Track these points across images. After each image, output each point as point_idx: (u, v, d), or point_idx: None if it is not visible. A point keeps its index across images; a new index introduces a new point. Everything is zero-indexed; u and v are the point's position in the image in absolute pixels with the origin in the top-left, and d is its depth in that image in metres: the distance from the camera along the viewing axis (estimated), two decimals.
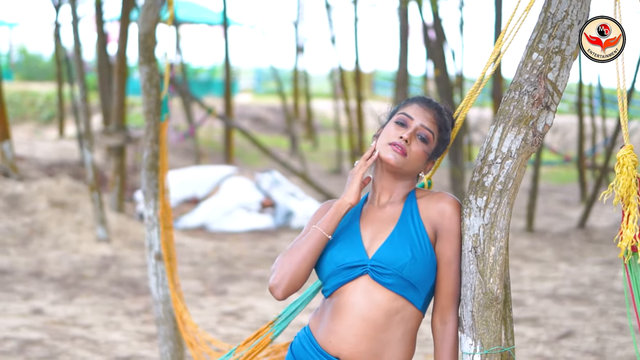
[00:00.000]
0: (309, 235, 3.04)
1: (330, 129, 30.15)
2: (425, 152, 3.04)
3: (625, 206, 2.69)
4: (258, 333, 3.56)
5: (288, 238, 12.52)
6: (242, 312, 8.46)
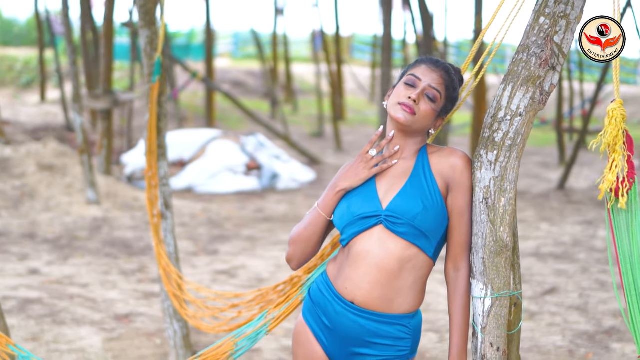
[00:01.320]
0: (312, 216, 3.31)
1: (310, 93, 30.25)
2: (434, 110, 3.22)
3: (610, 154, 2.89)
4: (289, 296, 3.74)
5: (274, 200, 12.70)
6: (235, 271, 8.65)
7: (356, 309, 3.15)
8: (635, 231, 2.84)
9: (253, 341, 3.84)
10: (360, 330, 3.15)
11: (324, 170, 15.51)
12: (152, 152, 5.85)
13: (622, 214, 2.86)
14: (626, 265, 2.85)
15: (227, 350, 3.85)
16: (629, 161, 2.86)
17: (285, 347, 6.49)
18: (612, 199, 2.88)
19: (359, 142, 20.27)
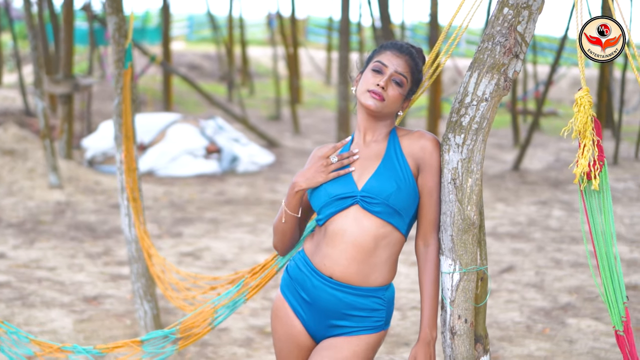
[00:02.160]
0: (280, 213, 3.49)
1: (266, 76, 30.34)
2: (401, 95, 3.39)
3: (581, 139, 3.07)
4: (265, 265, 3.92)
5: (235, 182, 12.83)
6: (199, 253, 8.79)
7: (334, 283, 3.32)
8: (607, 210, 3.03)
9: (232, 309, 4.01)
10: (338, 303, 3.32)
11: (283, 153, 15.66)
12: (129, 137, 5.98)
13: (594, 195, 3.05)
14: (599, 243, 3.03)
15: (207, 317, 4.02)
16: (598, 145, 3.04)
17: (252, 326, 6.66)
18: (584, 182, 3.07)
19: (316, 125, 20.43)
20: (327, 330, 3.39)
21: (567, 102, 27.30)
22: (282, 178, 13.32)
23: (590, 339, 6.66)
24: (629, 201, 12.64)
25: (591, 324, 7.01)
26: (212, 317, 4.10)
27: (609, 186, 3.03)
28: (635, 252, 9.62)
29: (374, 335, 3.35)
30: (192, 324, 4.17)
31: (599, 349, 6.43)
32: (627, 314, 2.98)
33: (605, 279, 3.02)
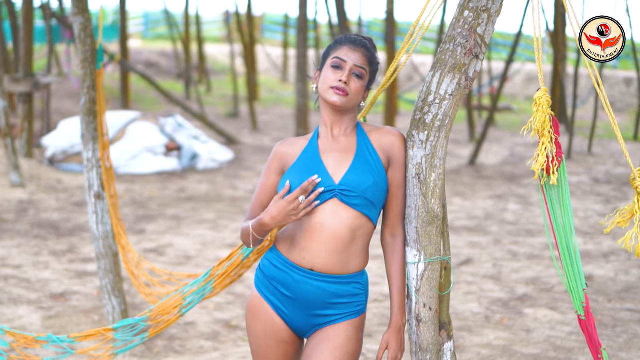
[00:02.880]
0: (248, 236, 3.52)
1: (222, 73, 30.40)
2: (363, 87, 3.50)
3: (540, 137, 3.25)
4: (230, 255, 4.06)
5: (195, 179, 12.93)
6: (163, 249, 8.90)
7: (316, 275, 3.44)
8: (566, 204, 3.20)
9: (200, 296, 4.15)
10: (322, 293, 3.45)
11: (242, 150, 15.77)
12: (103, 136, 6.09)
13: (553, 189, 3.22)
14: (560, 234, 3.19)
15: (176, 305, 4.15)
16: (556, 142, 3.21)
17: (218, 320, 6.79)
18: (544, 177, 3.24)
19: (274, 122, 20.54)
20: (311, 321, 3.49)
21: (521, 97, 27.65)
22: (242, 175, 13.44)
23: (547, 328, 6.87)
24: (582, 195, 12.91)
25: (547, 314, 7.22)
26: (181, 304, 4.23)
27: (567, 181, 3.19)
28: (590, 244, 9.87)
29: (359, 319, 3.49)
30: (162, 312, 4.30)
31: (555, 337, 6.64)
32: (587, 300, 3.14)
33: (566, 268, 3.18)
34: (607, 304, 7.56)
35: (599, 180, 14.27)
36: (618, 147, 18.15)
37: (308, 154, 3.53)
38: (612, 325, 6.97)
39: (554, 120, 3.23)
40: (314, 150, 3.53)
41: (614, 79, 25.14)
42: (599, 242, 9.96)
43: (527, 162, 3.09)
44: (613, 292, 7.94)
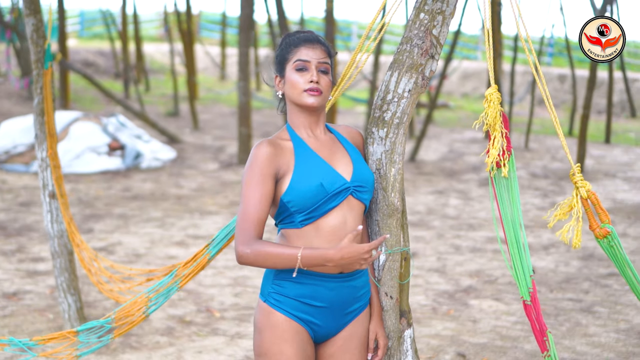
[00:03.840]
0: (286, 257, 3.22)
1: (160, 72, 30.32)
2: (331, 81, 3.47)
3: (492, 132, 3.42)
4: (196, 255, 4.16)
5: (139, 178, 12.97)
6: (112, 248, 8.96)
7: (347, 276, 3.38)
8: (514, 195, 3.37)
9: (166, 297, 4.24)
10: (353, 290, 3.42)
11: (184, 149, 15.83)
12: (52, 135, 6.16)
13: (502, 181, 3.39)
14: (508, 225, 3.35)
15: (141, 306, 4.23)
16: (506, 137, 3.38)
17: (172, 316, 6.89)
18: (494, 170, 3.40)
19: (214, 120, 20.59)
20: (342, 319, 3.44)
21: (457, 94, 28.03)
22: (186, 173, 13.52)
23: (492, 318, 7.09)
24: (521, 189, 13.21)
25: (492, 304, 7.45)
26: (146, 305, 4.31)
27: (516, 173, 3.37)
28: (530, 236, 10.14)
29: (368, 307, 3.54)
30: (127, 313, 4.37)
31: (500, 327, 6.86)
32: (534, 286, 3.30)
33: (513, 256, 3.34)
34: (549, 294, 7.80)
35: (537, 175, 14.59)
36: (553, 142, 18.55)
37: (304, 157, 3.39)
38: (554, 314, 7.21)
39: (504, 116, 3.40)
40: (309, 151, 3.41)
41: (548, 75, 25.60)
42: (538, 235, 10.23)
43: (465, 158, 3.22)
44: (554, 282, 8.19)
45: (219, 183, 12.84)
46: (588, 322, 7.00)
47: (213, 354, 6.14)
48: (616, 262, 3.34)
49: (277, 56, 3.52)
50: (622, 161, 16.28)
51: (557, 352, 3.28)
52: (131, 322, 4.38)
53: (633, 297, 7.70)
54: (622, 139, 19.50)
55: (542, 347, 3.26)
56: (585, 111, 14.66)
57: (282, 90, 3.49)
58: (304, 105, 3.42)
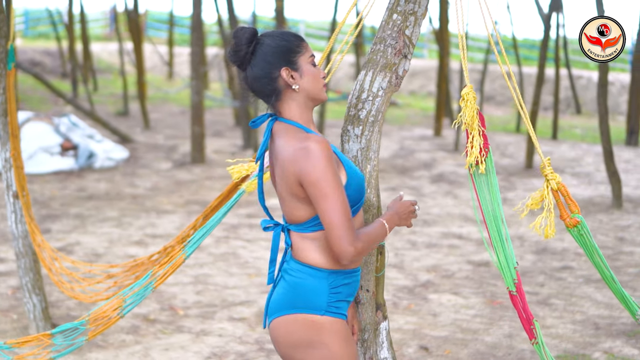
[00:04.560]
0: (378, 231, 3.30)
1: (107, 71, 30.17)
2: None
3: (470, 131, 3.52)
4: (171, 257, 4.21)
5: (93, 178, 12.94)
6: (71, 247, 8.96)
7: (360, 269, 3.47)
8: (494, 190, 3.47)
9: (141, 297, 4.29)
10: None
11: (137, 148, 15.80)
12: (15, 135, 6.18)
13: (482, 177, 3.49)
14: (490, 218, 3.45)
15: (116, 307, 4.28)
16: (483, 134, 3.48)
17: (136, 315, 6.92)
18: (473, 166, 3.51)
19: (164, 119, 20.56)
20: None
21: (405, 92, 28.24)
22: (140, 173, 13.51)
23: (451, 312, 7.22)
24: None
25: (451, 298, 7.58)
26: (121, 306, 4.35)
27: (494, 169, 3.47)
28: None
29: None
30: (102, 314, 4.41)
31: (460, 320, 7.00)
32: (519, 276, 3.40)
33: (497, 249, 3.44)
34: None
35: None
36: (502, 139, 18.80)
37: (337, 152, 3.36)
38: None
39: (480, 115, 3.51)
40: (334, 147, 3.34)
41: (495, 73, 25.87)
42: None
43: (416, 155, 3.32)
44: None
45: (174, 182, 12.86)
46: (545, 314, 7.16)
47: (180, 351, 6.19)
48: (586, 249, 3.46)
49: (282, 47, 3.30)
50: (570, 157, 16.55)
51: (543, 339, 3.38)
52: (106, 323, 4.41)
53: (587, 289, 7.90)
54: (569, 134, 19.82)
55: (530, 335, 3.37)
56: (534, 107, 14.89)
57: (298, 84, 3.29)
58: (322, 99, 3.35)
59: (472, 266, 8.72)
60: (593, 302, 7.50)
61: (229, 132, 18.76)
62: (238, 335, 6.51)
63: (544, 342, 3.38)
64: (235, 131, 18.70)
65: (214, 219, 4.09)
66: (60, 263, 5.93)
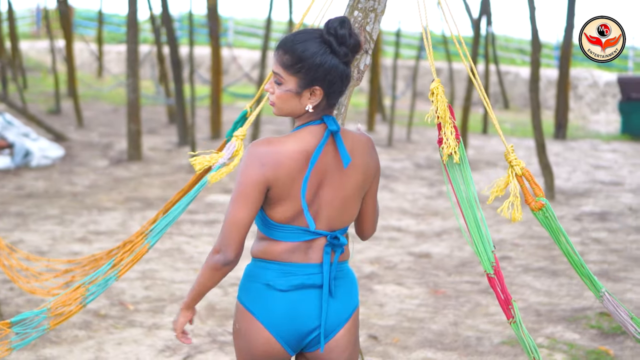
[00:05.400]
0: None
1: (35, 70, 29.85)
2: (288, 92, 3.23)
3: (443, 123, 3.57)
4: (134, 245, 4.25)
5: (31, 177, 12.88)
6: (15, 245, 8.92)
7: None
8: (467, 178, 3.56)
9: (104, 286, 4.32)
10: None
11: (72, 147, 15.72)
12: None
13: (455, 167, 3.57)
14: (465, 204, 3.54)
15: (78, 296, 4.31)
16: (454, 126, 3.57)
17: (87, 310, 6.97)
18: (446, 157, 3.58)
19: (97, 117, 20.43)
20: None
21: None
22: (77, 171, 13.47)
23: (397, 302, 7.40)
24: (407, 179, 13.63)
25: (395, 289, 7.76)
26: (83, 295, 4.38)
27: (467, 158, 3.57)
28: (422, 224, 10.52)
29: None
30: (64, 303, 4.44)
31: (406, 310, 7.18)
32: (496, 259, 3.49)
33: (473, 234, 3.51)
34: (448, 278, 8.16)
35: (421, 165, 15.06)
36: (434, 134, 19.10)
37: None
38: (455, 296, 7.57)
39: (450, 108, 3.62)
40: None
41: (424, 69, 26.21)
42: (430, 222, 10.63)
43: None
44: (451, 267, 8.57)
45: (112, 180, 12.85)
46: (488, 303, 7.37)
47: (133, 345, 6.27)
48: (551, 232, 3.56)
49: None
50: (501, 151, 16.89)
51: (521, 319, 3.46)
52: (68, 312, 4.43)
53: (526, 277, 8.14)
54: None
55: (507, 315, 3.42)
56: (466, 103, 15.19)
57: None
58: None
59: (413, 257, 8.92)
60: (533, 290, 7.74)
61: (163, 129, 18.75)
62: (190, 329, 6.60)
63: (521, 321, 3.46)
64: (170, 129, 18.70)
65: (177, 208, 4.15)
66: (15, 258, 5.95)
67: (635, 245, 9.52)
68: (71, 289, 4.40)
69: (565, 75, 18.67)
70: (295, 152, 3.23)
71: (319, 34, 3.19)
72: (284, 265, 3.32)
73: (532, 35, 12.54)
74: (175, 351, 6.16)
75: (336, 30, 3.17)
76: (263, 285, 3.33)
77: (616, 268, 8.49)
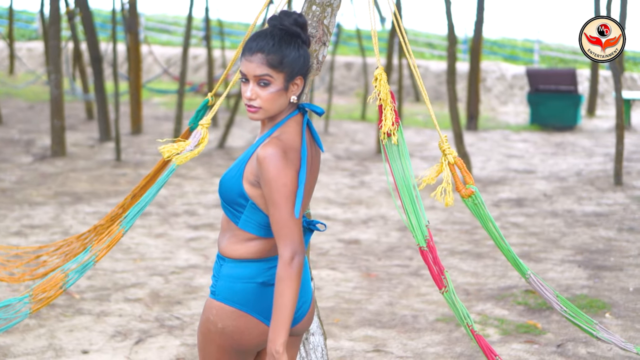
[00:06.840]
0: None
1: None
2: (277, 91, 3.27)
3: (384, 106, 3.88)
4: (110, 231, 4.45)
5: None
6: None
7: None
8: (405, 158, 3.83)
9: (82, 272, 4.53)
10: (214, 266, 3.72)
11: None
12: None
13: (393, 148, 3.84)
14: (402, 185, 3.81)
15: (58, 282, 4.51)
16: (394, 110, 3.88)
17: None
18: (385, 138, 3.86)
19: (15, 114, 20.24)
20: None
21: None
22: (2, 167, 13.49)
23: (333, 285, 7.72)
24: (329, 170, 13.97)
25: (330, 273, 8.08)
26: (63, 281, 4.54)
27: (405, 140, 3.86)
28: (348, 212, 10.87)
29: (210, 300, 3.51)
30: (44, 289, 4.61)
31: (343, 292, 7.51)
32: (430, 234, 3.76)
33: (408, 211, 3.81)
34: (378, 262, 8.52)
35: (341, 157, 15.42)
36: (350, 126, 19.54)
37: None
38: (387, 279, 7.92)
39: (391, 93, 3.94)
40: None
41: (335, 63, 26.61)
42: (356, 210, 10.98)
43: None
44: (380, 252, 8.93)
45: (39, 175, 12.91)
46: (419, 284, 7.75)
47: (85, 332, 6.46)
48: (480, 218, 3.83)
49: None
50: (417, 142, 17.36)
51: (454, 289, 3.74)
52: (48, 297, 4.59)
53: (452, 260, 8.54)
54: (412, 121, 20.64)
55: (439, 285, 3.68)
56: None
57: None
58: None
59: (343, 244, 9.25)
60: (460, 272, 8.14)
61: (82, 125, 18.76)
62: (138, 314, 6.83)
63: (453, 290, 3.72)
64: (89, 124, 18.73)
65: (149, 194, 4.36)
66: None
67: (552, 228, 10.00)
68: (50, 276, 4.58)
69: (475, 68, 19.24)
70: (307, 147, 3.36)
71: (284, 30, 3.26)
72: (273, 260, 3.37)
73: (449, 29, 12.99)
74: (127, 336, 6.38)
75: (297, 21, 3.28)
76: (257, 285, 3.35)
77: (536, 249, 8.94)
